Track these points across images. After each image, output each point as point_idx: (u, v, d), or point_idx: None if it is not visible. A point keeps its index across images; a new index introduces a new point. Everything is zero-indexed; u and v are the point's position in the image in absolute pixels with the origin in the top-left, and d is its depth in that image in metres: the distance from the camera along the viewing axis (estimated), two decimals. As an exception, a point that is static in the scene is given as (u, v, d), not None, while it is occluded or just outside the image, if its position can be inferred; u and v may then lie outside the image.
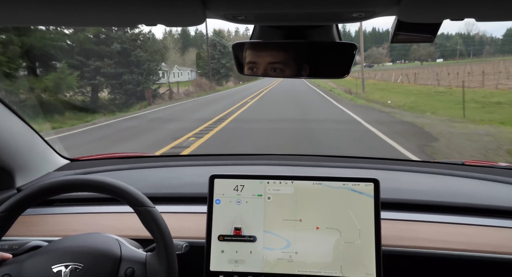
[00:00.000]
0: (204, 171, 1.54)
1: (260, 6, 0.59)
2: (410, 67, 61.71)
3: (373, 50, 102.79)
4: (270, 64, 0.85)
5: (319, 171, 1.55)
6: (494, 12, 0.59)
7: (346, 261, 0.97)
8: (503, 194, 1.31)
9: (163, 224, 0.88)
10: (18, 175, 1.34)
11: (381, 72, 49.58)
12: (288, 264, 0.98)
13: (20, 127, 1.36)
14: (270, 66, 0.85)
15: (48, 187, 0.88)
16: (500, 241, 1.06)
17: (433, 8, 0.56)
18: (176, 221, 1.15)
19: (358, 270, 0.96)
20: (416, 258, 1.04)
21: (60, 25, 0.70)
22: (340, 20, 0.70)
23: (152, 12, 0.58)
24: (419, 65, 74.95)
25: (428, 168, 1.54)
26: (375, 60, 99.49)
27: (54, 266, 0.83)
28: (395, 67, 71.55)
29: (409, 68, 55.44)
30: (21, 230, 1.17)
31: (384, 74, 43.28)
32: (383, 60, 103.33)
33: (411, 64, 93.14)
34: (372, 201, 0.99)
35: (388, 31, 0.77)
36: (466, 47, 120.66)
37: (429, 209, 1.23)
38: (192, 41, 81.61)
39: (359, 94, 19.83)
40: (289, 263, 0.98)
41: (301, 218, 1.00)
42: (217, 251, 1.00)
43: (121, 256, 0.87)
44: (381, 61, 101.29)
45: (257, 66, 0.86)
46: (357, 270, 0.96)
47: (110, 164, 1.66)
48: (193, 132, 8.94)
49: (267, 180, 1.03)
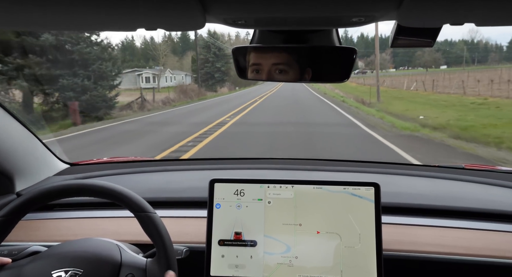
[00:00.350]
0: (204, 175, 1.54)
1: (260, 10, 0.59)
2: (415, 73, 58.96)
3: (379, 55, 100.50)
4: (275, 65, 0.85)
5: (319, 175, 1.55)
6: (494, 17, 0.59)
7: (347, 265, 0.96)
8: (503, 198, 1.31)
9: (164, 230, 0.87)
10: (18, 179, 1.34)
11: (388, 78, 46.93)
12: (288, 268, 0.98)
13: (19, 131, 1.36)
14: (274, 68, 0.85)
15: (48, 191, 0.87)
16: (500, 245, 1.05)
17: (433, 12, 0.56)
18: (176, 226, 1.15)
19: (358, 274, 0.95)
20: (417, 262, 1.04)
21: (60, 29, 0.70)
22: (340, 25, 0.71)
23: (152, 16, 0.58)
24: (424, 72, 72.44)
25: (428, 172, 1.54)
26: (380, 65, 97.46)
27: (54, 271, 0.83)
28: (400, 74, 68.55)
29: (414, 74, 52.56)
30: (21, 235, 1.16)
31: (394, 81, 40.72)
32: (386, 66, 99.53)
33: (415, 70, 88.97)
34: (372, 205, 0.99)
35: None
36: (471, 54, 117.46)
37: (429, 213, 1.22)
38: (192, 44, 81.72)
39: (374, 105, 16.34)
40: (289, 267, 0.98)
41: (301, 222, 1.00)
42: (218, 256, 1.00)
43: (121, 262, 0.87)
44: (384, 67, 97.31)
45: (261, 68, 0.86)
46: (357, 274, 0.95)
47: (110, 168, 1.66)
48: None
49: (268, 184, 1.03)
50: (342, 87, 31.61)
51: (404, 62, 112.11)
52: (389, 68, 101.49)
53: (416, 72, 72.85)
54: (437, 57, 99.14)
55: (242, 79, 0.90)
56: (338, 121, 11.83)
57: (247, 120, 12.28)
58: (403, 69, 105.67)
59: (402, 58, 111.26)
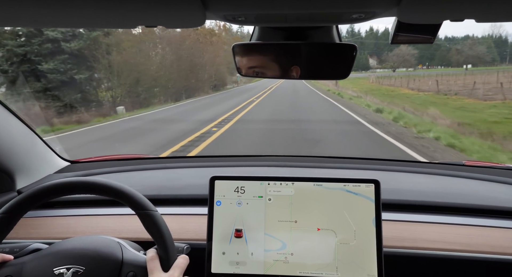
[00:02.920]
0: (205, 173, 1.54)
1: (260, 7, 0.59)
2: (452, 73, 46.79)
3: (401, 50, 79.73)
4: (272, 65, 0.85)
5: (320, 172, 1.55)
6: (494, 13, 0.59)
7: (342, 262, 0.97)
8: (504, 194, 1.31)
9: (165, 228, 0.88)
10: (19, 177, 1.34)
11: (416, 79, 35.61)
12: (284, 265, 0.98)
13: (20, 129, 1.36)
14: (271, 67, 0.85)
15: (49, 189, 0.88)
16: (501, 241, 1.06)
17: (433, 9, 0.56)
18: (177, 223, 1.15)
19: (354, 271, 0.96)
20: (417, 259, 1.04)
21: (61, 26, 0.70)
22: (340, 21, 0.70)
23: (152, 13, 0.58)
24: (462, 70, 59.51)
25: (429, 168, 1.54)
26: (402, 63, 76.49)
27: (55, 268, 0.83)
28: (431, 73, 52.15)
29: (451, 74, 42.94)
30: (22, 232, 1.17)
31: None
32: (413, 64, 79.19)
33: (451, 69, 71.28)
34: (368, 202, 0.99)
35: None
36: (502, 51, 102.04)
37: (430, 209, 1.22)
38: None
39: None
40: (285, 264, 0.98)
41: (297, 219, 1.00)
42: (218, 253, 1.00)
43: (123, 259, 0.87)
44: (409, 64, 77.85)
45: (259, 68, 0.86)
46: (353, 271, 0.96)
47: (110, 166, 1.66)
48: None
49: (268, 181, 1.03)
50: (352, 86, 25.82)
51: (425, 60, 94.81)
52: (419, 66, 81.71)
53: (453, 71, 57.81)
54: (480, 53, 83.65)
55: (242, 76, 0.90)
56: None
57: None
58: (423, 68, 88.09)
59: (423, 54, 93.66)
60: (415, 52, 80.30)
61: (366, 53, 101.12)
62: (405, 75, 45.04)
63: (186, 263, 0.88)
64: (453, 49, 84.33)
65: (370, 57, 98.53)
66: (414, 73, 53.07)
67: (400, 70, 72.84)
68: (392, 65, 77.23)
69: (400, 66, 78.14)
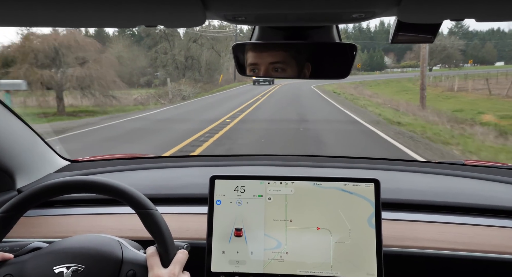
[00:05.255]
0: (205, 172, 1.54)
1: (260, 7, 0.59)
2: (503, 71, 37.62)
3: (436, 46, 52.31)
4: (272, 64, 0.85)
5: (319, 171, 1.55)
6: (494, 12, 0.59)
7: (337, 260, 0.97)
8: (504, 193, 1.31)
9: (165, 227, 0.88)
10: (19, 176, 1.34)
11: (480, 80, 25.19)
12: (279, 264, 0.98)
13: (20, 128, 1.36)
14: (271, 66, 0.86)
15: (49, 188, 0.88)
16: (501, 241, 1.06)
17: (433, 8, 0.56)
18: (177, 222, 1.15)
19: (349, 269, 0.96)
20: (417, 258, 1.04)
21: (61, 25, 0.70)
22: (340, 21, 0.71)
23: (152, 13, 0.58)
24: (494, 69, 46.46)
25: (429, 168, 1.54)
26: (443, 59, 58.45)
27: (55, 267, 0.83)
28: (479, 71, 41.50)
29: (503, 73, 33.87)
30: (22, 231, 1.17)
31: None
32: (460, 60, 61.72)
33: (498, 67, 55.86)
34: (364, 201, 0.99)
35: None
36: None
37: (430, 209, 1.23)
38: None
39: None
40: (280, 263, 0.98)
41: (293, 218, 1.00)
42: (218, 252, 1.00)
43: (123, 258, 0.87)
44: (457, 61, 59.96)
45: (259, 67, 0.87)
46: (348, 269, 0.96)
47: (110, 165, 1.66)
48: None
49: (268, 181, 1.03)
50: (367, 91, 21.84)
51: (468, 57, 71.18)
52: (469, 63, 64.68)
53: (504, 69, 44.55)
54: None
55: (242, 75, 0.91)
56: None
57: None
58: (476, 65, 68.86)
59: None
60: (460, 44, 60.91)
61: (380, 51, 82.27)
62: (462, 74, 33.15)
63: (185, 258, 0.88)
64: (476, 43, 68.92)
65: (386, 55, 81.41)
66: (469, 72, 39.95)
67: (435, 69, 57.04)
68: (415, 64, 59.18)
69: (444, 62, 61.18)
